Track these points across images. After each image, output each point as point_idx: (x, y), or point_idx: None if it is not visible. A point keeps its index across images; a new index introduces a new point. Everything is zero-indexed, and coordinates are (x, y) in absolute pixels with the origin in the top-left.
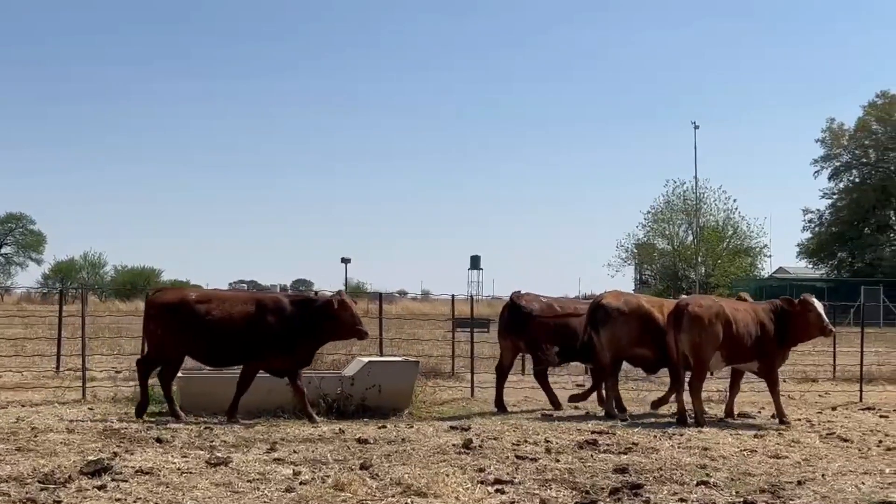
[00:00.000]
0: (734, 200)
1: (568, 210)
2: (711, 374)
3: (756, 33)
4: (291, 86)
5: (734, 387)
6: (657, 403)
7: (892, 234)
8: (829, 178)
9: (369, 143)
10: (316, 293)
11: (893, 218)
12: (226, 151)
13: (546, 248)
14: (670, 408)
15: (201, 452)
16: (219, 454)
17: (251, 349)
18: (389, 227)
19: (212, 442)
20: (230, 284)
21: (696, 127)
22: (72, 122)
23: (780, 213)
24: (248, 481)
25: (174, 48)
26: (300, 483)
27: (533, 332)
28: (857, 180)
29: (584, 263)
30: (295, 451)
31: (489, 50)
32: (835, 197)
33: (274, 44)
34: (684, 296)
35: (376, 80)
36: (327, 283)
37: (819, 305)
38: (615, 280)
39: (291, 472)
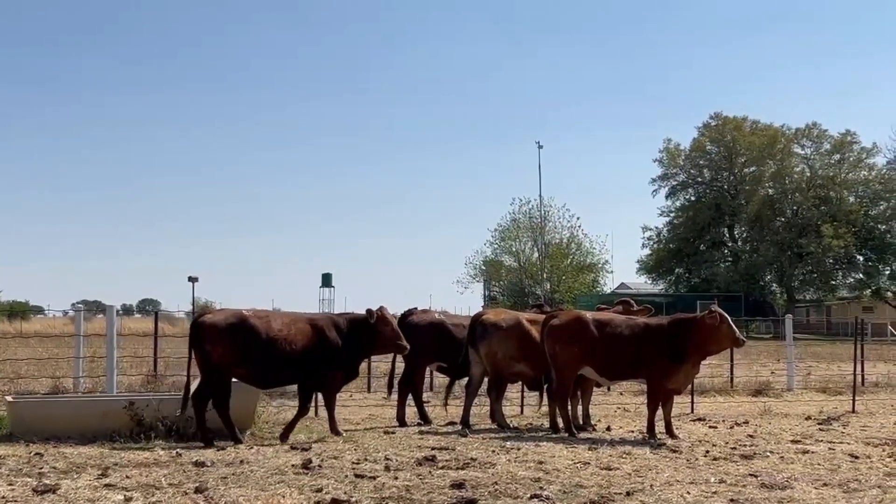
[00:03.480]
0: (577, 218)
1: (418, 227)
2: (604, 387)
3: (597, 56)
4: (142, 98)
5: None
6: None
7: (725, 251)
8: (667, 197)
9: (217, 161)
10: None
11: (727, 235)
12: (69, 168)
13: (397, 265)
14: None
15: (29, 479)
16: (47, 481)
17: (310, 368)
18: (239, 244)
19: (41, 468)
20: (72, 305)
21: (541, 146)
22: None
23: (621, 231)
24: None
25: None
26: None
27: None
28: (692, 199)
29: (434, 280)
30: (128, 477)
31: (339, 67)
32: (672, 215)
33: (107, 59)
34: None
35: (236, 95)
36: (175, 303)
37: (728, 317)
38: (464, 297)
39: (122, 497)
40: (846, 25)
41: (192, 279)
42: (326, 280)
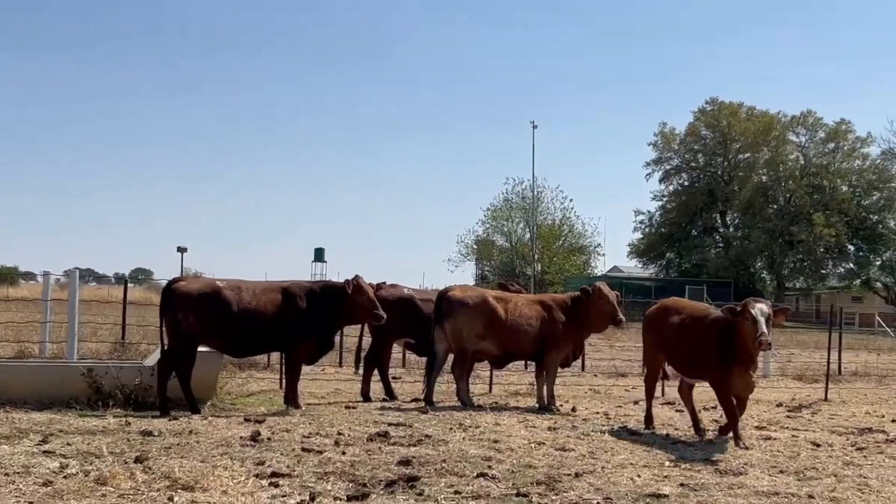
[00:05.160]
0: (570, 200)
1: (411, 204)
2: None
3: (593, 38)
4: (139, 70)
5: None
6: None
7: (717, 237)
8: (660, 181)
9: (212, 131)
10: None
11: (719, 221)
12: (58, 137)
13: (390, 241)
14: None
15: None
16: None
17: (280, 337)
18: (233, 216)
19: None
20: (65, 272)
21: (535, 127)
22: None
23: (614, 214)
24: (6, 475)
25: None
26: (63, 477)
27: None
28: (686, 184)
29: (427, 258)
30: (68, 444)
31: (335, 45)
32: (665, 199)
33: (103, 31)
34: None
35: (219, 68)
36: (168, 273)
37: (759, 312)
38: (455, 275)
39: (58, 465)
40: (846, 17)
41: (181, 249)
42: (319, 255)
